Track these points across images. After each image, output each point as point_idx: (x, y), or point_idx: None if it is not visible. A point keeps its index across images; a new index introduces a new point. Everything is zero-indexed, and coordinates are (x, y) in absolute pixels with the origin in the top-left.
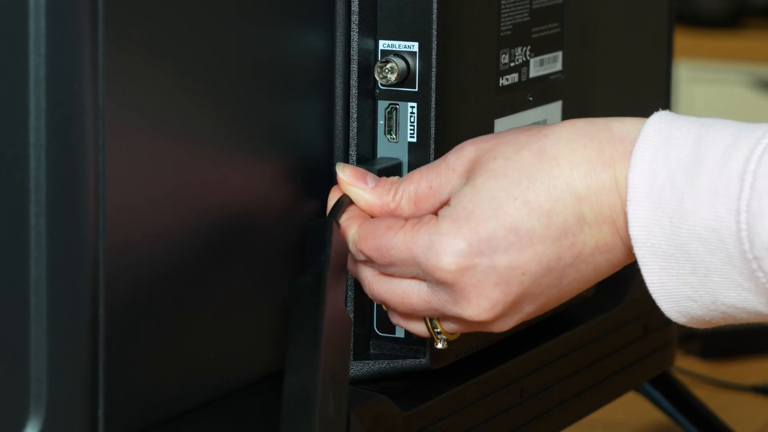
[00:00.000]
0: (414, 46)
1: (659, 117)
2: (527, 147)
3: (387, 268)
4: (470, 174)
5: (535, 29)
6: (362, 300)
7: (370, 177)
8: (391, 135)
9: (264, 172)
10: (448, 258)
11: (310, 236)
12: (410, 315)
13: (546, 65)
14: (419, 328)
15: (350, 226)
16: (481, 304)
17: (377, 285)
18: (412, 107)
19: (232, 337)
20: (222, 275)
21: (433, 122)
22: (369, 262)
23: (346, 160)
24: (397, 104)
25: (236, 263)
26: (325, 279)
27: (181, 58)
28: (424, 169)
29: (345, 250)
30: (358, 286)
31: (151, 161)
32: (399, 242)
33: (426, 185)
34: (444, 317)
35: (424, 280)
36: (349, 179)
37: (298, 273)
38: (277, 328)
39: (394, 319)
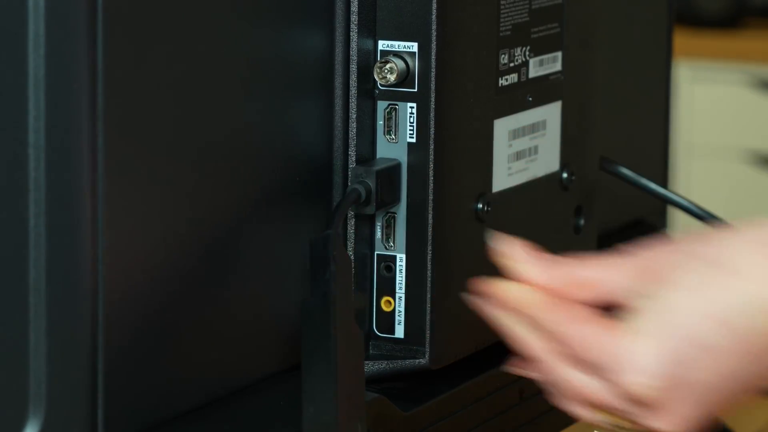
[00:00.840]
0: (413, 47)
1: None
2: (710, 261)
3: (565, 353)
4: (652, 285)
5: (535, 29)
6: (361, 300)
7: (534, 255)
8: (390, 135)
9: (263, 172)
10: (639, 379)
11: (313, 251)
12: (584, 404)
13: (546, 65)
14: (593, 416)
15: (532, 293)
16: (672, 420)
17: (556, 367)
18: (412, 108)
19: (232, 338)
20: (222, 276)
21: (432, 123)
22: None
23: (345, 161)
24: (397, 104)
25: (236, 264)
26: (333, 298)
27: (180, 57)
28: (594, 260)
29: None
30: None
31: (149, 160)
32: (584, 340)
33: (595, 276)
34: (626, 419)
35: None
36: (514, 255)
37: (297, 271)
38: (277, 329)
39: (565, 404)
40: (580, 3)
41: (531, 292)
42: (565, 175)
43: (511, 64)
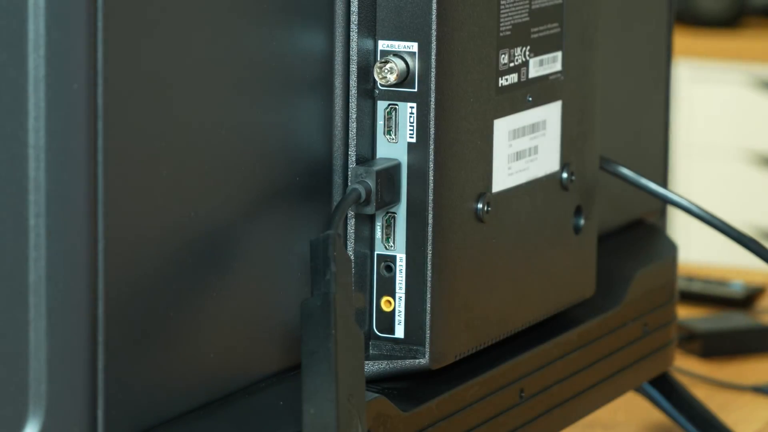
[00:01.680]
0: (413, 47)
1: None
2: None
3: None
4: None
5: (535, 29)
6: (361, 300)
7: None
8: (390, 135)
9: (263, 172)
10: None
11: (313, 251)
12: None
13: (546, 65)
14: None
15: None
16: None
17: None
18: (412, 107)
19: (232, 338)
20: (221, 276)
21: (432, 122)
22: None
23: (345, 161)
24: (397, 104)
25: (236, 264)
26: (333, 299)
27: (180, 57)
28: None
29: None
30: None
31: (150, 161)
32: None
33: None
34: None
35: None
36: None
37: (297, 271)
38: (277, 329)
39: None
40: (580, 3)
41: None
42: (565, 175)
43: (511, 64)
